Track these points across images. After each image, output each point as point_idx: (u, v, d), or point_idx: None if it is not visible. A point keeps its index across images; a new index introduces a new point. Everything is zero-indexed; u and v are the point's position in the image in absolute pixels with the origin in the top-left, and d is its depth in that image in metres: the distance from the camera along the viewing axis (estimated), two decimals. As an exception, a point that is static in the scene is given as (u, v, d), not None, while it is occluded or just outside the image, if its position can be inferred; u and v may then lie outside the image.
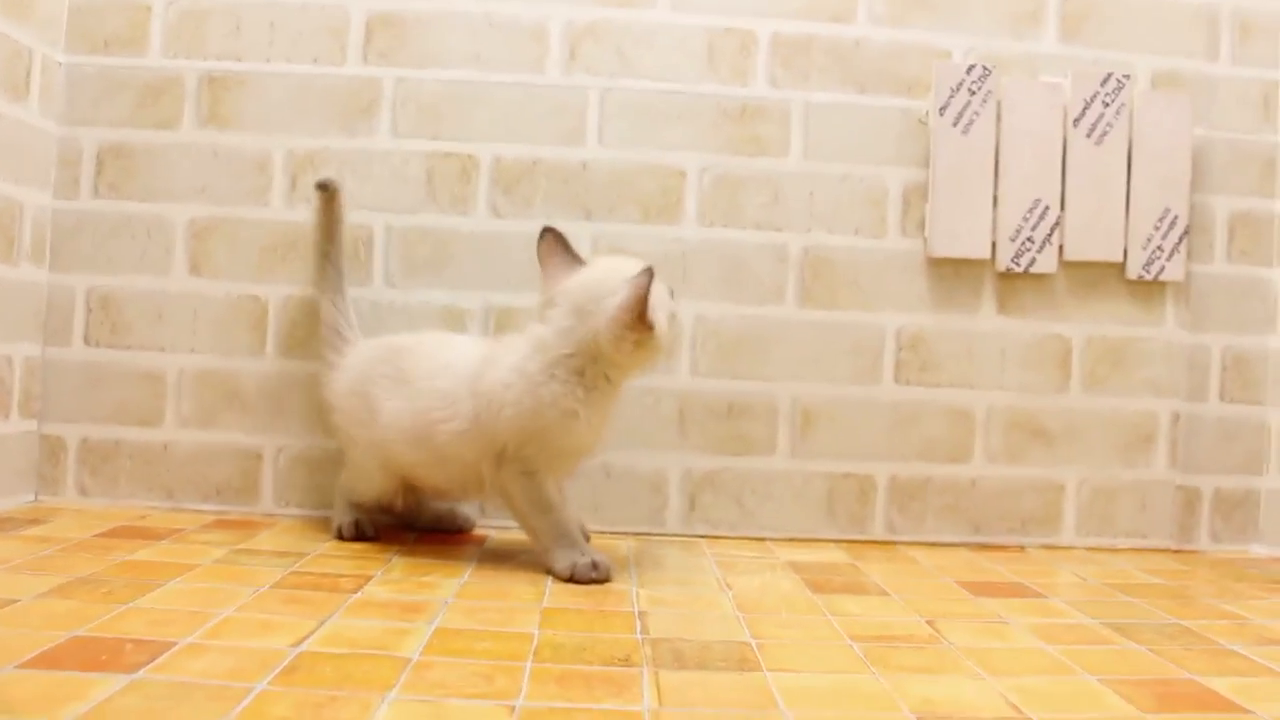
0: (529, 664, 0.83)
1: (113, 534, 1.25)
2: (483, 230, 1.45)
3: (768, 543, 1.43)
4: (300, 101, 1.45)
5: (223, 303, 1.44)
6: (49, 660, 0.77)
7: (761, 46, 1.47)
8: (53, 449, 1.44)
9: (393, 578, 1.11)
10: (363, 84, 1.45)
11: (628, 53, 1.46)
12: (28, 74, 1.39)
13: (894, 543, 1.46)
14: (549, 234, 1.21)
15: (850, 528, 1.46)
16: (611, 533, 1.42)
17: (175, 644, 0.82)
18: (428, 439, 1.19)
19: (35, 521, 1.29)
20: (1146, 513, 1.49)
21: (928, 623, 1.02)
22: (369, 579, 1.09)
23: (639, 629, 0.95)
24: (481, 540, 1.35)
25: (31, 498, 1.43)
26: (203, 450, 1.44)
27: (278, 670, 0.78)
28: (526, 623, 0.95)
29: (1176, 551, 1.49)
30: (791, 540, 1.45)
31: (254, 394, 1.43)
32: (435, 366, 1.22)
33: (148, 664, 0.77)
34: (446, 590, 1.06)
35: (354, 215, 1.43)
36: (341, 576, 1.09)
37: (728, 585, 1.15)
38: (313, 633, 0.88)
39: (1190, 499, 1.50)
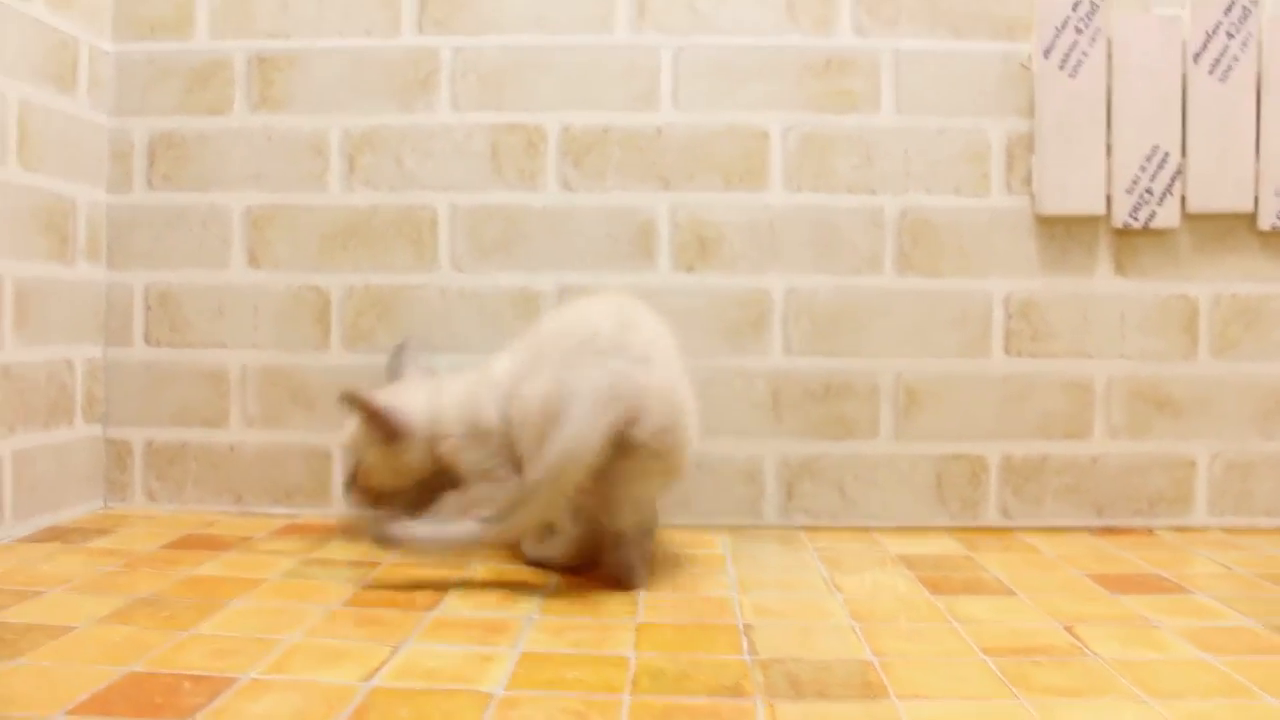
0: (626, 697, 0.74)
1: (179, 544, 1.19)
2: (554, 206, 1.35)
3: (873, 533, 1.32)
4: (354, 78, 1.36)
5: (284, 295, 1.37)
6: (101, 704, 0.70)
7: (846, -8, 1.35)
8: (119, 454, 1.39)
9: (473, 589, 1.03)
10: (419, 55, 1.36)
11: (700, 6, 1.34)
12: (74, 65, 1.32)
13: (1010, 529, 1.34)
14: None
15: (962, 514, 1.35)
16: (704, 526, 1.33)
17: (236, 680, 0.75)
18: None
19: (102, 531, 1.24)
20: (1289, 487, 1.36)
21: (1066, 629, 0.91)
22: (447, 591, 1.01)
23: (746, 648, 0.85)
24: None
25: (100, 504, 1.38)
26: (270, 451, 1.37)
27: (347, 713, 0.70)
28: (620, 643, 0.86)
29: (1326, 530, 1.35)
30: (899, 529, 1.34)
31: (320, 390, 1.36)
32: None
33: (204, 707, 0.70)
34: (530, 604, 0.97)
35: (416, 195, 1.36)
36: (417, 589, 1.01)
37: (837, 587, 1.05)
38: (386, 662, 0.80)
39: (1338, 470, 1.36)
